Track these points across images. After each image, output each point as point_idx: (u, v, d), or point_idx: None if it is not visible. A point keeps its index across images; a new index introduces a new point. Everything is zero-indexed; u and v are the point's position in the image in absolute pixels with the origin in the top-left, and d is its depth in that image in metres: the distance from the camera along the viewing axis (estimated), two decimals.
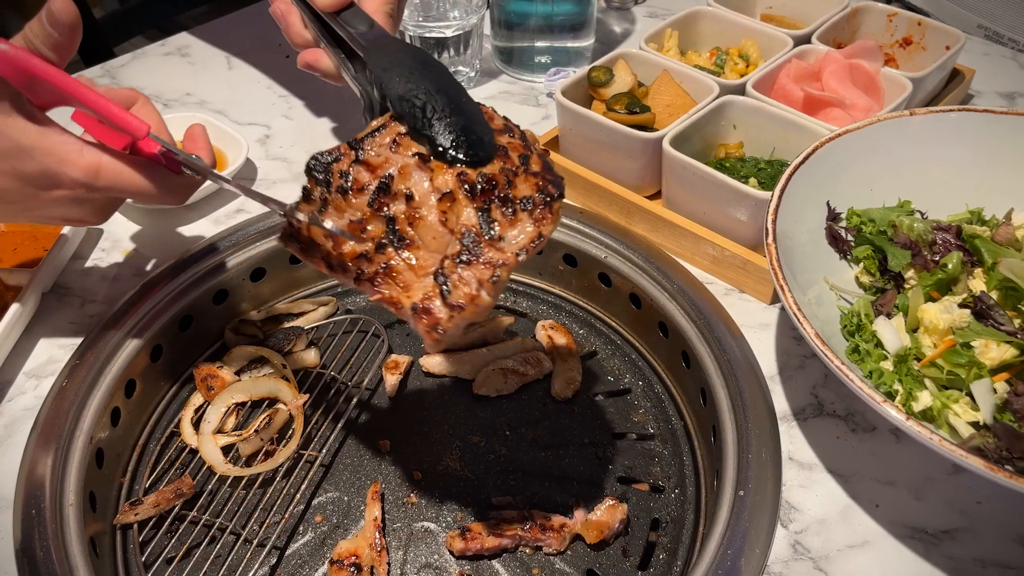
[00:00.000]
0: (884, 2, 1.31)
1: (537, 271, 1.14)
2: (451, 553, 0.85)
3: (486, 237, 0.67)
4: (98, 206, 0.83)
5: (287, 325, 1.07)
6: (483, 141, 0.70)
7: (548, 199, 0.69)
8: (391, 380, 1.01)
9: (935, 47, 1.23)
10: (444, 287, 0.66)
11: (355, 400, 0.99)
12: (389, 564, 0.85)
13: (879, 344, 0.79)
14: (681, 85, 1.14)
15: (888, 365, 0.78)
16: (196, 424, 0.96)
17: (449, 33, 1.28)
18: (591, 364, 1.06)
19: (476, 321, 0.69)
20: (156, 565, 0.84)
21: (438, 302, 0.66)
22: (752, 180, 1.03)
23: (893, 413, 0.65)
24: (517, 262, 0.68)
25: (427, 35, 1.29)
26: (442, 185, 0.69)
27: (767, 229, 0.81)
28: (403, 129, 0.72)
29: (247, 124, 1.29)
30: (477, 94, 1.36)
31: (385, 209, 0.69)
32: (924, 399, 0.74)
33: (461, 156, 0.69)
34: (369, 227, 0.70)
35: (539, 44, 1.37)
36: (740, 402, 0.87)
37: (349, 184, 0.70)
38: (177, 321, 1.01)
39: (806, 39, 1.21)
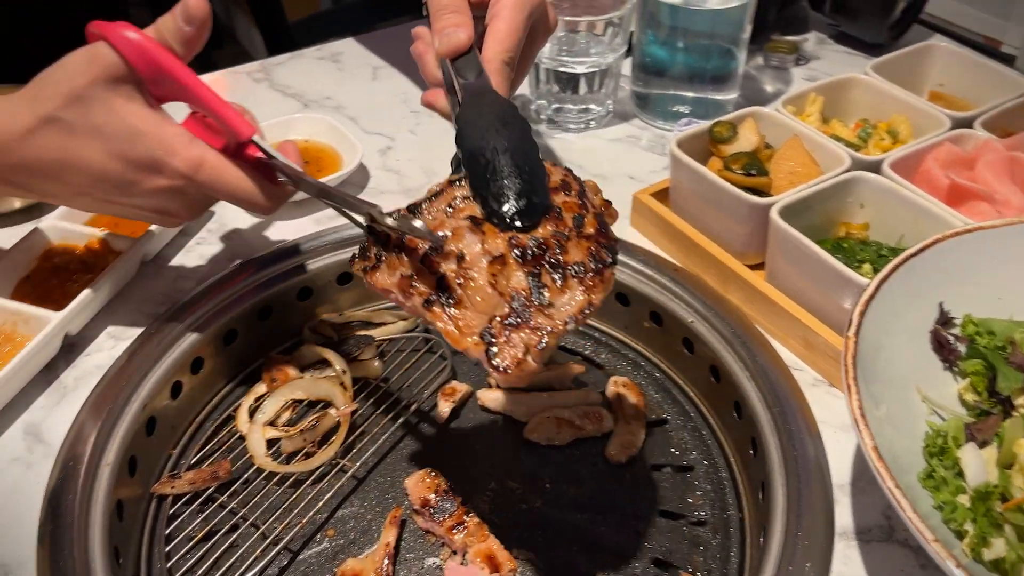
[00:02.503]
0: None
1: (623, 325, 1.09)
2: None
3: (535, 302, 0.67)
4: (191, 201, 0.86)
5: (361, 333, 1.07)
6: (535, 205, 0.71)
7: (600, 266, 0.68)
8: (444, 407, 0.99)
9: None
10: (491, 348, 0.66)
11: (404, 420, 0.98)
12: None
13: (960, 474, 0.68)
14: (811, 153, 1.05)
15: (965, 500, 0.67)
16: (253, 413, 0.98)
17: (581, 70, 1.26)
18: (657, 432, 0.99)
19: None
20: (176, 540, 0.86)
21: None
22: (867, 266, 0.94)
23: (941, 556, 0.55)
24: (566, 330, 0.66)
25: (560, 68, 1.28)
26: (493, 248, 0.69)
27: (852, 319, 0.72)
28: (460, 194, 0.74)
29: (374, 133, 1.32)
30: (603, 134, 1.33)
31: (436, 268, 0.70)
32: (998, 547, 0.63)
33: (509, 221, 0.70)
34: (417, 284, 0.71)
35: (678, 93, 1.32)
36: (796, 506, 0.78)
37: (404, 243, 0.72)
38: (257, 310, 1.04)
39: (967, 123, 1.09)
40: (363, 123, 1.34)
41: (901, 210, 0.97)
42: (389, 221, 0.71)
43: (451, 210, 0.73)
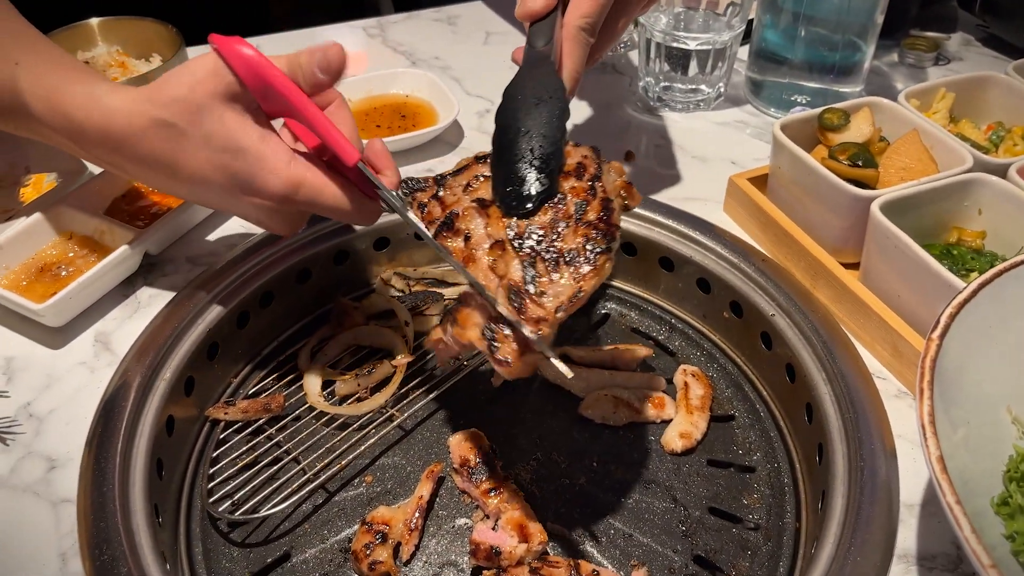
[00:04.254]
0: None
1: (702, 313, 1.03)
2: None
3: (528, 291, 0.67)
4: (289, 218, 0.87)
5: (431, 290, 1.06)
6: (535, 193, 0.72)
7: (593, 253, 0.67)
8: None
9: None
10: (492, 343, 0.68)
11: (459, 379, 0.96)
12: (417, 547, 0.81)
13: None
14: (930, 150, 0.96)
15: None
16: (315, 353, 0.99)
17: (692, 46, 1.21)
18: (722, 428, 0.93)
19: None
20: (221, 464, 0.87)
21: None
22: (974, 276, 0.85)
23: None
24: (556, 319, 0.66)
25: (673, 44, 1.22)
26: (495, 232, 0.72)
27: (939, 320, 0.65)
28: (482, 172, 0.76)
29: (475, 96, 1.31)
30: (710, 116, 1.28)
31: (447, 243, 0.73)
32: None
33: (508, 207, 0.72)
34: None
35: (796, 82, 1.25)
36: (854, 520, 0.72)
37: (423, 215, 0.77)
38: (332, 254, 1.04)
39: None
40: (467, 85, 1.33)
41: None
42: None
43: (469, 188, 0.75)
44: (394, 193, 0.83)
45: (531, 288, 0.67)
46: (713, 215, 1.07)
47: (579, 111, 1.29)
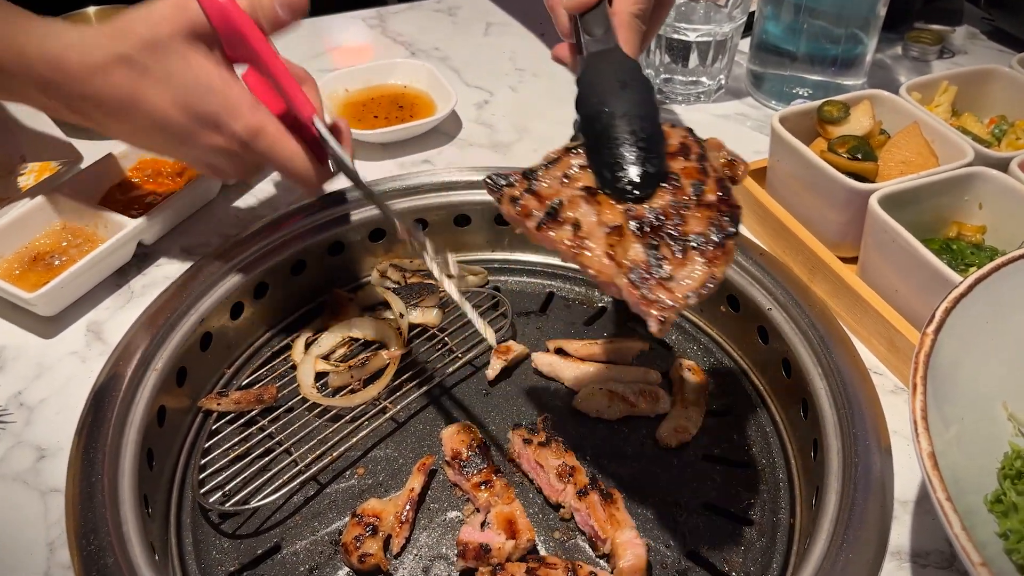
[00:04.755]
0: None
1: (698, 307, 1.02)
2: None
3: (656, 276, 0.64)
4: (244, 164, 0.86)
5: (428, 282, 1.06)
6: (649, 175, 0.68)
7: (722, 237, 0.65)
8: (496, 364, 0.96)
9: None
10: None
11: (453, 371, 0.95)
12: (407, 540, 0.80)
13: None
14: (931, 144, 0.95)
15: None
16: (310, 345, 0.98)
17: (693, 37, 1.20)
18: (717, 422, 0.92)
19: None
20: (213, 455, 0.87)
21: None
22: (973, 270, 0.84)
23: None
24: (687, 304, 0.63)
25: (673, 35, 1.21)
26: (609, 220, 0.68)
27: (934, 315, 0.64)
28: (577, 162, 0.73)
29: (474, 87, 1.30)
30: (711, 109, 1.27)
31: (550, 234, 0.69)
32: None
33: (622, 192, 0.68)
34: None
35: (797, 74, 1.23)
36: (847, 516, 0.71)
37: (518, 210, 0.71)
38: (328, 245, 1.04)
39: None
40: (466, 75, 1.32)
41: None
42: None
43: (567, 179, 0.72)
44: (343, 153, 0.83)
45: (658, 271, 0.64)
46: None
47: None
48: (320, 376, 0.94)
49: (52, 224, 0.98)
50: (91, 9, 1.32)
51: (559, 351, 0.98)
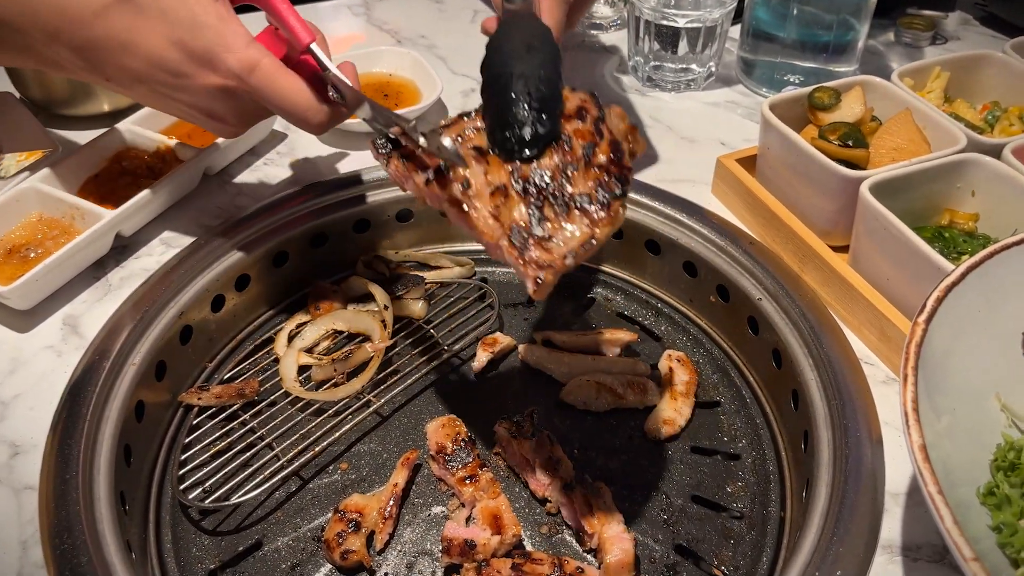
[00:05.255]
0: None
1: (688, 298, 1.01)
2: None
3: (535, 234, 0.64)
4: (242, 108, 0.84)
5: (413, 273, 1.04)
6: (538, 135, 0.68)
7: (607, 197, 0.64)
8: (483, 357, 0.94)
9: None
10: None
11: (439, 364, 0.94)
12: (391, 536, 0.79)
13: None
14: (923, 131, 0.94)
15: None
16: (293, 338, 0.97)
17: (682, 23, 1.18)
18: (707, 414, 0.91)
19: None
20: (193, 450, 0.85)
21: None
22: (966, 258, 0.82)
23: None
24: (564, 265, 0.63)
25: (662, 21, 1.19)
26: (496, 179, 0.67)
27: (925, 304, 0.63)
28: (473, 125, 0.72)
29: (460, 75, 1.28)
30: (701, 96, 1.25)
31: (439, 191, 0.69)
32: None
33: (510, 152, 0.68)
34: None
35: (788, 61, 1.22)
36: (837, 509, 0.70)
37: (408, 167, 0.72)
38: (310, 236, 1.02)
39: None
40: (452, 64, 1.30)
41: (1018, 201, 0.85)
42: (421, 140, 0.69)
43: (460, 140, 0.71)
44: (344, 78, 0.81)
45: (538, 231, 0.64)
46: (702, 197, 1.04)
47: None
48: (303, 369, 0.93)
49: (27, 216, 0.96)
50: None
51: (547, 342, 0.97)
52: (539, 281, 0.61)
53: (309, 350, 0.96)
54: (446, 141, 0.69)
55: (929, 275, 0.77)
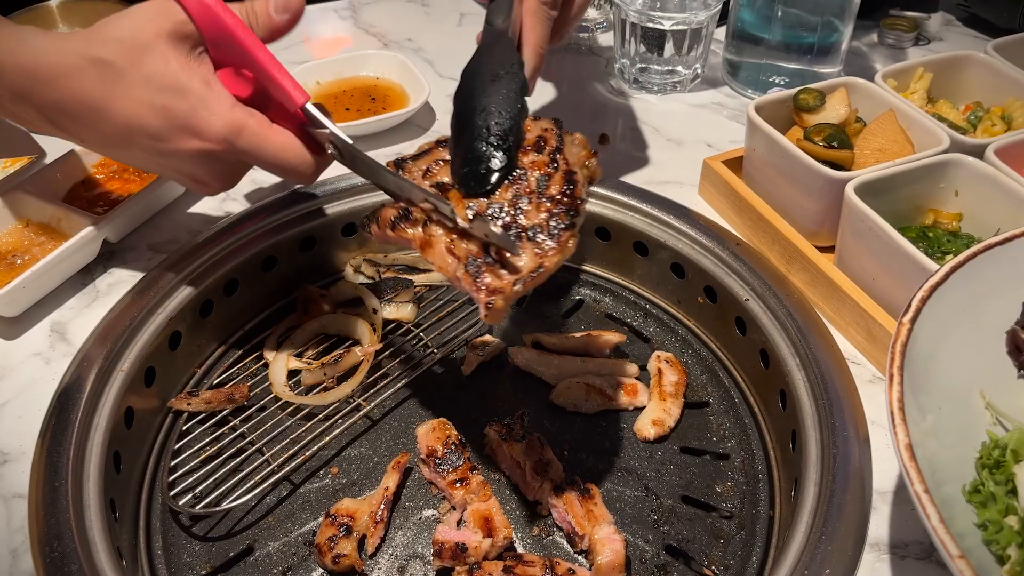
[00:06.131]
0: None
1: (676, 299, 1.02)
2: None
3: (488, 263, 0.67)
4: (226, 169, 0.82)
5: (402, 276, 1.04)
6: (493, 171, 0.71)
7: (557, 228, 0.67)
8: (472, 359, 0.94)
9: None
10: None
11: (428, 367, 0.94)
12: (382, 540, 0.79)
13: (1013, 491, 0.59)
14: (907, 131, 0.95)
15: (1013, 522, 0.57)
16: (282, 343, 0.97)
17: (667, 26, 1.18)
18: (696, 415, 0.92)
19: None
20: (183, 456, 0.85)
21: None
22: (950, 258, 0.83)
23: (966, 575, 0.47)
24: (514, 291, 0.65)
25: (648, 24, 1.20)
26: (456, 214, 0.70)
27: (910, 304, 0.64)
28: (443, 156, 0.75)
29: (448, 78, 1.28)
30: (686, 98, 1.26)
31: (405, 234, 0.72)
32: None
33: (468, 188, 0.71)
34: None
35: (773, 63, 1.23)
36: (826, 507, 0.70)
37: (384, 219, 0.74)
38: (299, 240, 1.02)
39: None
40: (439, 67, 1.31)
41: (1001, 201, 0.86)
42: (461, 222, 0.70)
43: (429, 173, 0.74)
44: (344, 136, 0.79)
45: (490, 260, 0.67)
46: (688, 199, 1.05)
47: (554, 93, 1.27)
48: (293, 374, 0.93)
49: (14, 222, 0.95)
50: (53, 2, 1.29)
51: (536, 345, 0.97)
52: (490, 306, 0.64)
53: (299, 354, 0.96)
54: (445, 208, 0.70)
55: (914, 275, 0.78)
